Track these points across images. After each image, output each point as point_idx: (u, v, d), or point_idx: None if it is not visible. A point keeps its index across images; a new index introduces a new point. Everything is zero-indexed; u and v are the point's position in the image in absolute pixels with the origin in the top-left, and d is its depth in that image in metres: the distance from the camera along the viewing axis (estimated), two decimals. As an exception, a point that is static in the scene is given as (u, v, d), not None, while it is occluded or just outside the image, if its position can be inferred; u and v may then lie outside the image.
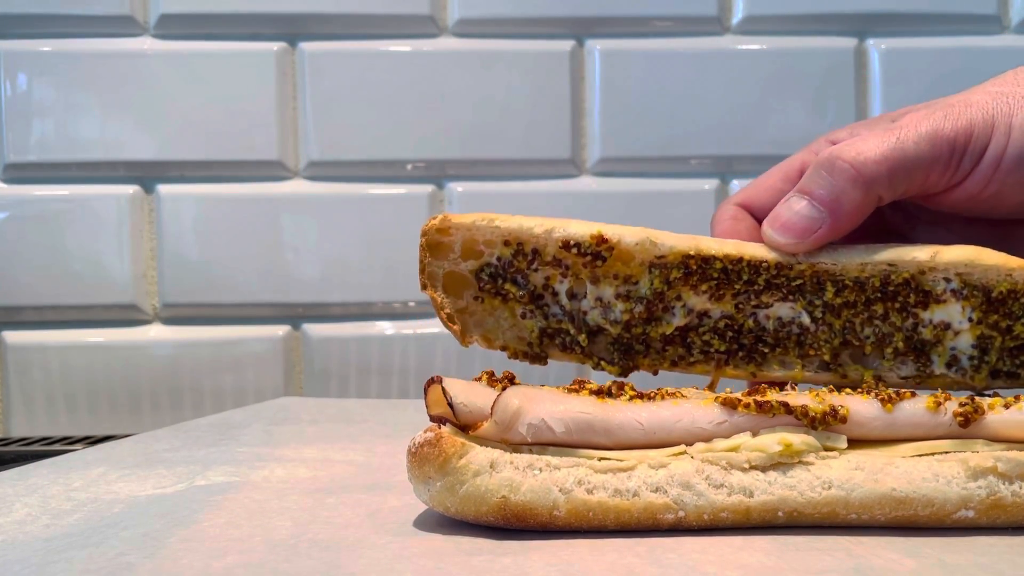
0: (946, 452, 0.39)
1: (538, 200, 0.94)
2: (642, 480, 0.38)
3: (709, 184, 0.95)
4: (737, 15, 0.95)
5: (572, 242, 0.43)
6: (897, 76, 0.94)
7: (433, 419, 0.40)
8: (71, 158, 0.93)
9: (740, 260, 0.43)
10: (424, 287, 0.47)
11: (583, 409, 0.39)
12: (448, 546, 0.36)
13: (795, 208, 0.44)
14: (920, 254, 0.42)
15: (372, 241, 0.94)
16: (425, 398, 0.40)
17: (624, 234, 0.43)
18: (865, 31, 0.95)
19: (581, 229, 0.44)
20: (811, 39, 0.95)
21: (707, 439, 0.39)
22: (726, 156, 0.95)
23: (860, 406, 0.39)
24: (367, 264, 0.94)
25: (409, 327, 0.95)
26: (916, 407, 0.39)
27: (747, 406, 0.39)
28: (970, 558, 0.34)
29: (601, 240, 0.43)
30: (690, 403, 0.40)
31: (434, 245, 0.45)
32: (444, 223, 0.44)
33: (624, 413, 0.39)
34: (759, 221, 0.53)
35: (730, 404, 0.39)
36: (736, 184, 0.95)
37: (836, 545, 0.36)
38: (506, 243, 0.44)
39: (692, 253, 0.43)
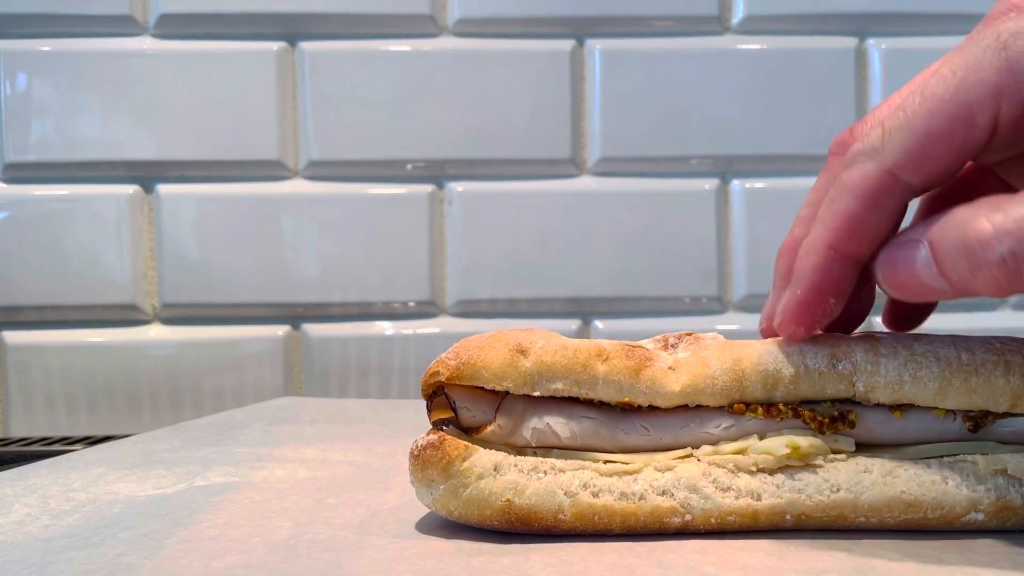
0: (955, 455, 0.38)
1: (538, 200, 0.94)
2: (648, 483, 0.38)
3: (709, 184, 0.95)
4: (737, 15, 0.95)
5: (598, 401, 0.40)
6: (897, 76, 0.94)
7: (435, 423, 0.40)
8: (71, 158, 0.93)
9: (795, 405, 0.39)
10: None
11: (588, 414, 0.39)
12: (448, 547, 0.36)
13: (919, 271, 0.35)
14: (997, 406, 0.38)
15: (372, 241, 0.94)
16: (427, 401, 0.40)
17: (657, 402, 0.39)
18: (865, 31, 0.95)
19: (607, 394, 0.39)
20: (811, 39, 0.95)
21: (713, 443, 0.39)
22: (726, 156, 0.95)
23: (869, 412, 0.39)
24: (367, 264, 0.94)
25: (409, 327, 0.95)
26: (926, 413, 0.39)
27: (754, 411, 0.39)
28: (971, 558, 0.34)
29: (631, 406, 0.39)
30: (696, 408, 0.40)
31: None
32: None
33: (630, 418, 0.39)
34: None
35: (737, 410, 0.39)
36: (736, 184, 0.95)
37: (836, 545, 0.36)
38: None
39: (736, 399, 0.39)
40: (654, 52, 0.95)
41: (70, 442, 0.81)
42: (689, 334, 0.42)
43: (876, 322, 0.94)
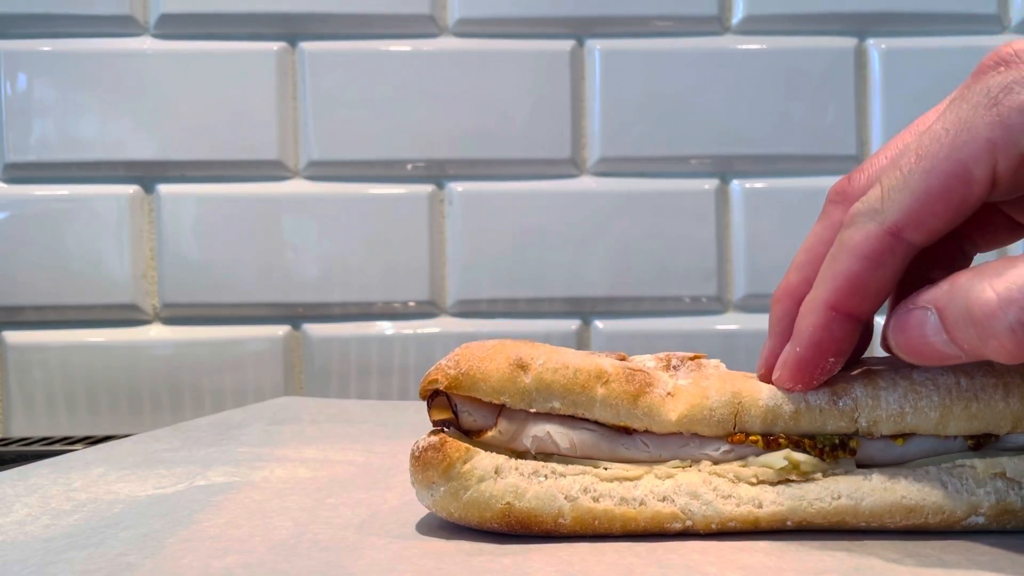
0: (954, 460, 0.38)
1: (538, 200, 0.94)
2: (649, 489, 0.38)
3: (709, 184, 0.95)
4: (737, 15, 0.95)
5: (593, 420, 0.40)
6: (897, 76, 0.94)
7: (436, 425, 0.40)
8: (71, 158, 0.93)
9: (796, 438, 0.39)
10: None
11: (589, 426, 0.39)
12: (449, 547, 0.36)
13: (930, 338, 0.35)
14: (999, 429, 0.38)
15: (372, 241, 0.94)
16: (428, 404, 0.40)
17: (656, 429, 0.39)
18: (865, 31, 0.95)
19: (604, 416, 0.39)
20: (811, 39, 0.95)
21: (713, 463, 0.39)
22: (726, 156, 0.95)
23: (871, 440, 0.39)
24: (367, 264, 0.94)
25: (409, 327, 0.95)
26: (927, 437, 0.39)
27: (754, 441, 0.39)
28: (972, 558, 0.34)
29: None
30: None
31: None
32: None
33: (631, 436, 0.39)
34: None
35: (737, 442, 0.39)
36: (736, 184, 0.95)
37: (836, 545, 0.36)
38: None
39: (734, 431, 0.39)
40: (654, 52, 0.95)
41: (71, 442, 0.81)
42: (692, 358, 0.42)
43: (876, 322, 0.94)
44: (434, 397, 0.39)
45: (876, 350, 0.44)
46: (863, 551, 0.35)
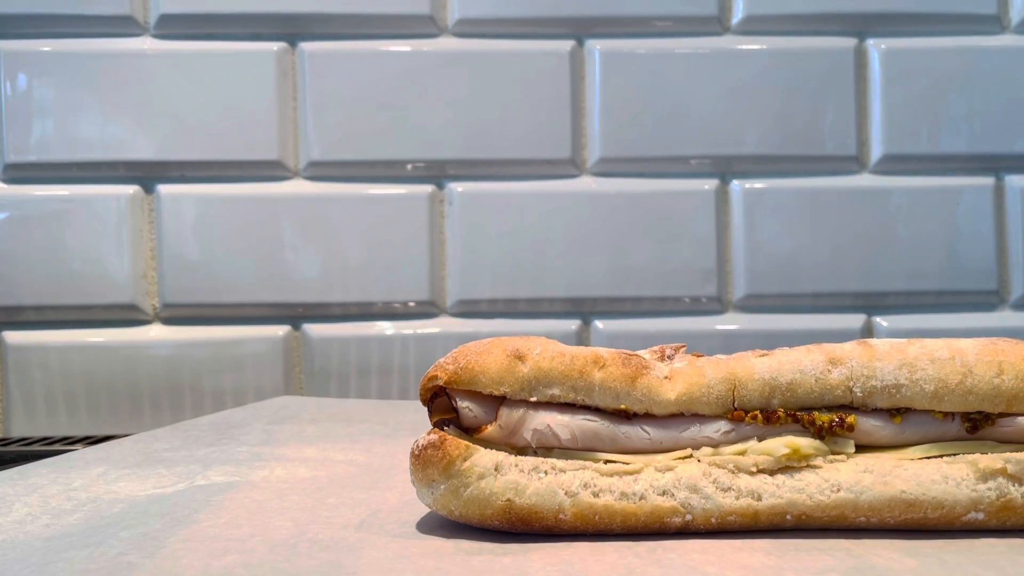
0: (955, 454, 0.38)
1: (538, 200, 0.94)
2: (648, 483, 0.38)
3: (709, 184, 0.95)
4: (737, 15, 0.95)
5: (593, 407, 0.40)
6: (897, 76, 0.94)
7: (436, 423, 0.40)
8: (71, 158, 0.93)
9: (793, 411, 0.39)
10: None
11: (589, 417, 0.39)
12: (448, 546, 0.36)
13: None
14: (994, 407, 0.38)
15: (372, 241, 0.94)
16: (427, 405, 0.40)
17: (653, 408, 0.39)
18: (865, 31, 0.95)
19: (603, 400, 0.39)
20: (811, 39, 0.95)
21: (713, 447, 0.39)
22: (726, 156, 0.95)
23: (868, 415, 0.39)
24: (367, 264, 0.94)
25: (409, 327, 0.95)
26: (924, 415, 0.39)
27: (754, 417, 0.39)
28: (970, 556, 0.34)
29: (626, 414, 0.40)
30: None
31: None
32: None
33: (631, 422, 0.39)
34: None
35: (737, 418, 0.39)
36: (736, 184, 0.95)
37: (836, 545, 0.36)
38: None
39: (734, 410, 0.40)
40: (654, 52, 0.95)
41: (70, 442, 0.81)
42: (684, 346, 0.42)
43: (876, 323, 0.94)
44: (435, 398, 0.40)
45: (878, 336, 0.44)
46: (863, 550, 0.35)
